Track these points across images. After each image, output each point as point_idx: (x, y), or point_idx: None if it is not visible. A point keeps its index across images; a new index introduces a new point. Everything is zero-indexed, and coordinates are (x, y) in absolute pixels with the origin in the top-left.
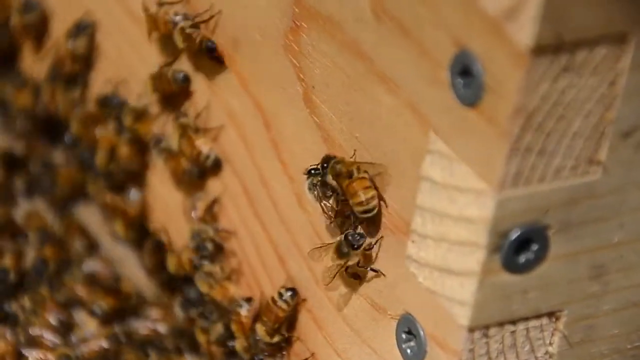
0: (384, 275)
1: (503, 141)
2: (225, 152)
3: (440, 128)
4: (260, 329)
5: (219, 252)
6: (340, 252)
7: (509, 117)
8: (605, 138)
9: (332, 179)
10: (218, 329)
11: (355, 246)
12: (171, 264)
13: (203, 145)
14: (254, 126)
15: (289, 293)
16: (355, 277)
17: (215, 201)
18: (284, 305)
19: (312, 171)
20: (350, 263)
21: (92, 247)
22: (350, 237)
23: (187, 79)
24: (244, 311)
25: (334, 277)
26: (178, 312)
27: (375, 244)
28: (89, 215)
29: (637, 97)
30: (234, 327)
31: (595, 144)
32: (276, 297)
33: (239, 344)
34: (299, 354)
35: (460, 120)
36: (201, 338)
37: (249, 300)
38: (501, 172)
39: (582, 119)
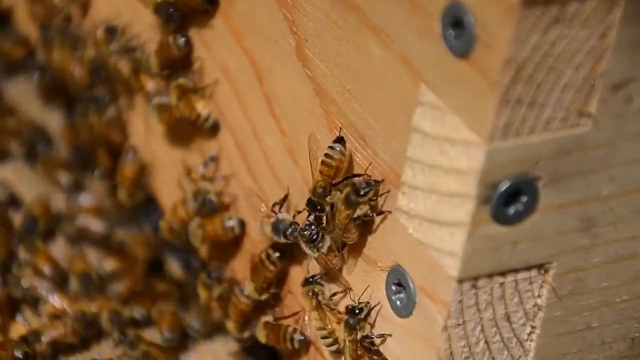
0: (389, 212)
1: (493, 92)
2: (219, 107)
3: (431, 80)
4: (249, 286)
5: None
6: (348, 202)
7: (499, 68)
8: (595, 90)
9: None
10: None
11: (362, 193)
12: (163, 229)
13: (202, 108)
14: (247, 81)
15: (277, 254)
16: (363, 225)
17: (212, 158)
18: (271, 267)
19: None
20: (358, 213)
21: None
22: (357, 185)
23: (188, 43)
24: None
25: (344, 229)
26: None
27: (380, 195)
28: None
29: (627, 50)
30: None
31: (585, 96)
32: (264, 257)
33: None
34: (290, 306)
35: (451, 72)
36: (203, 293)
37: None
38: (491, 124)
39: (573, 70)
